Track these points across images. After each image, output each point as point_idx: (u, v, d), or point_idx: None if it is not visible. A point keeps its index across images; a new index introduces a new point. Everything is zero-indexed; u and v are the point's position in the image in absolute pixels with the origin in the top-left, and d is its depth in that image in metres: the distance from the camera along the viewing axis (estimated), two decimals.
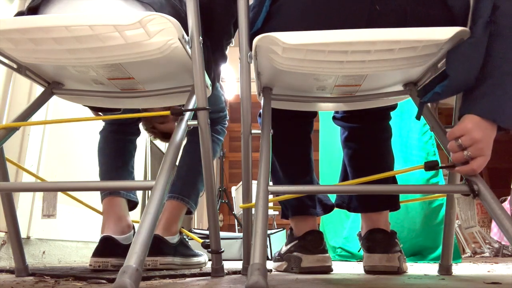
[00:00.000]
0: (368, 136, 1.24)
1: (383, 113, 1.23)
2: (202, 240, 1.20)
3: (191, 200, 1.21)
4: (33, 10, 0.84)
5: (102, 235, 1.12)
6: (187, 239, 1.26)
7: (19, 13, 0.86)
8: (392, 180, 1.24)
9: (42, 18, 0.72)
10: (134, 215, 1.29)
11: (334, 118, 1.31)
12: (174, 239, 1.16)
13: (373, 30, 0.74)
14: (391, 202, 1.20)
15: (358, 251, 1.21)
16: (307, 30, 0.76)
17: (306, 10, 0.87)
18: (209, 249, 1.01)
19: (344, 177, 1.29)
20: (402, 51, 0.78)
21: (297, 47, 0.77)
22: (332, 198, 1.31)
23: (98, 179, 1.26)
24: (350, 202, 1.24)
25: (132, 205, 1.24)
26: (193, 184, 1.22)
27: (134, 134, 1.30)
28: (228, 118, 1.38)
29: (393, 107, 1.24)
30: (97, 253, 1.08)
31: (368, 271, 1.11)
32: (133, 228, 1.21)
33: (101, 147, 1.26)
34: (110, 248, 1.08)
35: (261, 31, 0.88)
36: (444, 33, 0.75)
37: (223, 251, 1.01)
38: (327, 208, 1.25)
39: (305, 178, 1.23)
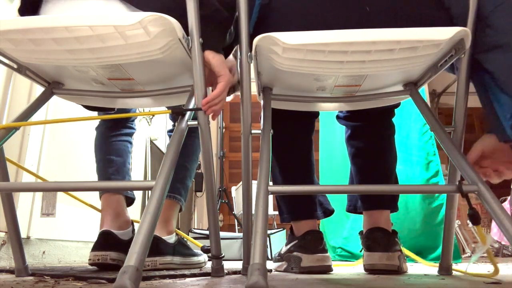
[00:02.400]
0: (370, 133, 1.24)
1: (386, 110, 1.23)
2: (201, 245, 1.20)
3: (182, 197, 1.22)
4: (31, 9, 0.84)
5: (101, 230, 1.13)
6: (185, 239, 1.26)
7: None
8: (395, 181, 1.25)
9: (42, 19, 0.72)
10: (134, 215, 1.29)
11: (337, 117, 1.31)
12: (171, 238, 1.16)
13: (373, 30, 0.74)
14: (391, 203, 1.20)
15: (360, 251, 1.21)
16: (298, 31, 0.76)
17: (296, 11, 0.87)
18: (210, 254, 1.01)
19: (352, 179, 1.29)
20: (402, 51, 0.78)
21: (297, 47, 0.77)
22: (333, 200, 1.32)
23: (96, 176, 1.26)
24: (357, 203, 1.25)
25: (129, 201, 1.25)
26: (182, 181, 1.22)
27: (130, 130, 1.31)
28: None
29: (397, 104, 1.24)
30: (96, 247, 1.08)
31: (368, 269, 1.11)
32: (132, 224, 1.22)
33: (98, 143, 1.27)
34: (109, 242, 1.09)
35: (254, 31, 0.88)
36: (445, 33, 0.75)
37: (223, 256, 1.01)
38: (327, 212, 1.26)
39: (305, 182, 1.23)
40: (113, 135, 1.26)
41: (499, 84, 0.78)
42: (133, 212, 1.27)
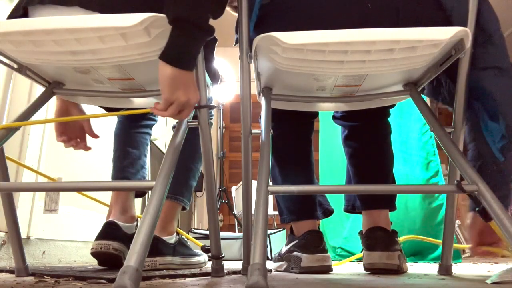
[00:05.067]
0: (367, 133, 1.25)
1: (382, 111, 1.24)
2: (202, 244, 1.20)
3: (185, 198, 1.22)
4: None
5: (106, 220, 1.15)
6: (186, 239, 1.26)
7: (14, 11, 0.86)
8: (392, 180, 1.25)
9: (43, 21, 0.72)
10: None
11: (334, 117, 1.31)
12: (171, 239, 1.16)
13: (373, 30, 0.74)
14: (389, 202, 1.21)
15: (361, 252, 1.21)
16: (298, 30, 0.76)
17: (297, 11, 0.87)
18: (210, 253, 1.01)
19: (350, 179, 1.30)
20: (402, 51, 0.78)
21: (297, 47, 0.77)
22: (333, 200, 1.32)
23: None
24: (355, 203, 1.25)
25: (141, 193, 1.27)
26: (184, 182, 1.22)
27: (151, 122, 1.32)
28: (213, 114, 1.36)
29: (392, 104, 1.24)
30: (100, 236, 1.10)
31: (367, 268, 1.11)
32: (137, 220, 1.24)
33: (118, 133, 1.28)
34: (113, 231, 1.11)
35: (254, 31, 0.88)
36: (445, 33, 0.75)
37: (223, 257, 1.01)
38: (327, 213, 1.26)
39: (304, 182, 1.23)
40: (133, 126, 1.27)
41: (496, 104, 0.81)
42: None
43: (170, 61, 0.72)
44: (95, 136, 1.12)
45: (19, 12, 0.82)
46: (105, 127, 1.35)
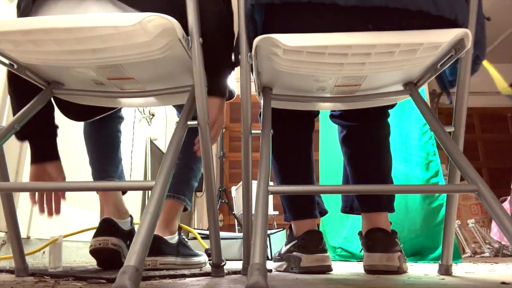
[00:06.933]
0: (366, 134, 1.24)
1: (382, 111, 1.23)
2: (207, 246, 1.20)
3: (186, 198, 1.22)
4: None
5: (102, 218, 1.16)
6: (186, 239, 1.27)
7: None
8: (390, 182, 1.25)
9: (43, 20, 0.72)
10: (134, 215, 1.29)
11: (331, 116, 1.31)
12: (173, 238, 1.16)
13: (373, 33, 0.74)
14: (388, 205, 1.20)
15: (360, 252, 1.21)
16: None
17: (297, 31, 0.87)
18: (211, 258, 1.01)
19: (347, 179, 1.29)
20: (403, 54, 0.78)
21: (297, 49, 0.77)
22: (333, 200, 1.32)
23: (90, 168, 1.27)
24: (353, 204, 1.25)
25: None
26: (186, 182, 1.23)
27: (119, 119, 1.32)
28: None
29: (392, 105, 1.24)
30: (98, 233, 1.11)
31: (368, 270, 1.11)
32: (130, 215, 1.25)
33: (88, 134, 1.28)
34: (110, 228, 1.12)
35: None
36: (445, 35, 0.75)
37: (224, 264, 1.01)
38: (323, 213, 1.27)
39: (304, 182, 1.23)
40: (102, 126, 1.27)
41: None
42: (133, 212, 1.27)
43: (217, 93, 1.01)
44: (63, 197, 1.10)
45: (29, 7, 0.82)
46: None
